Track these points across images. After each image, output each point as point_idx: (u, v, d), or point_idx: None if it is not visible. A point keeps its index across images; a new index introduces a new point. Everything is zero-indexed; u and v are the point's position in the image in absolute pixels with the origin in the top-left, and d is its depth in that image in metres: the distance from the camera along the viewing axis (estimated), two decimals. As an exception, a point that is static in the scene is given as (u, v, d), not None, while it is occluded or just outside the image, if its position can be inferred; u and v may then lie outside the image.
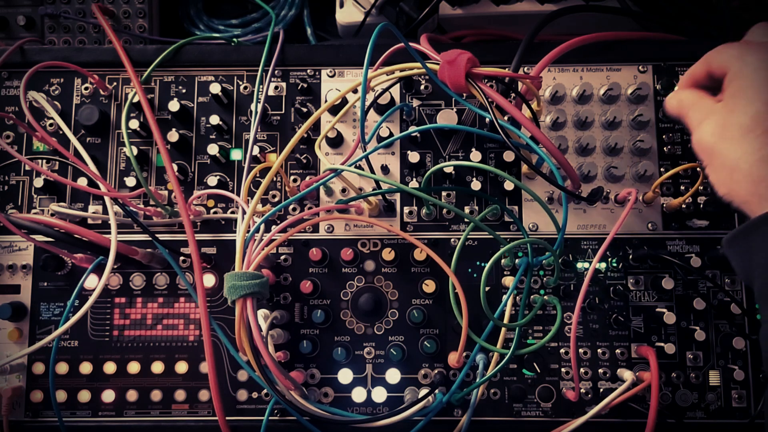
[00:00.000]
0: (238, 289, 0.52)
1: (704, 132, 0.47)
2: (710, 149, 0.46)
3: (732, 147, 0.44)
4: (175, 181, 0.59)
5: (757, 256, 0.42)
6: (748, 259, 0.43)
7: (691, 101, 0.50)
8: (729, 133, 0.45)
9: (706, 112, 0.48)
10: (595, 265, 0.58)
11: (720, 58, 0.49)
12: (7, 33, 0.83)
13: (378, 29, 0.53)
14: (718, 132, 0.46)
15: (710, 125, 0.47)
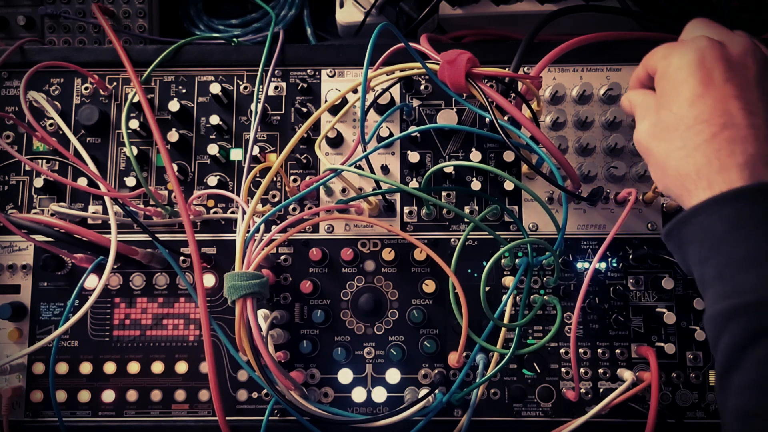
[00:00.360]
0: (238, 289, 0.52)
1: (640, 131, 0.50)
2: (645, 148, 0.49)
3: (661, 145, 0.47)
4: (175, 181, 0.59)
5: (691, 249, 0.44)
6: (685, 252, 0.45)
7: (636, 101, 0.53)
8: (658, 132, 0.47)
9: (644, 111, 0.50)
10: (595, 265, 0.58)
11: (652, 60, 0.51)
12: (7, 33, 0.83)
13: (378, 29, 0.53)
14: (650, 131, 0.48)
15: (644, 124, 0.49)
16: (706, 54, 0.45)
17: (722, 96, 0.44)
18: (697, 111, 0.44)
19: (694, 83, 0.45)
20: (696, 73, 0.45)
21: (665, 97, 0.47)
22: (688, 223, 0.44)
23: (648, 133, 0.48)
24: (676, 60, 0.47)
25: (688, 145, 0.44)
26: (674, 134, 0.45)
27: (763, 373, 0.38)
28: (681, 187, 0.45)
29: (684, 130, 0.45)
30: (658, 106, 0.48)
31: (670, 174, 0.46)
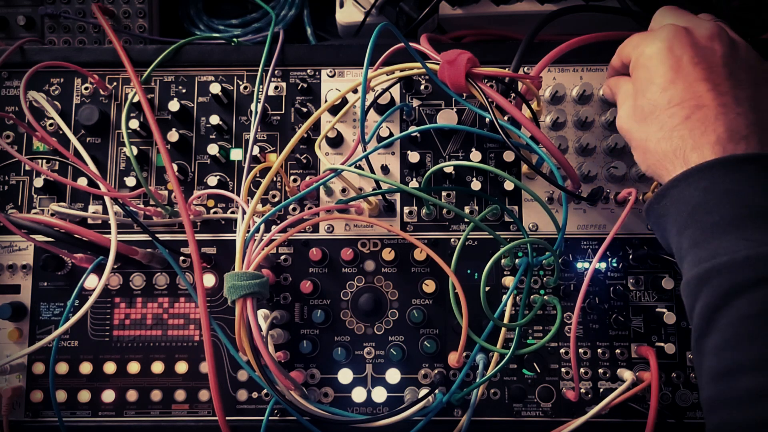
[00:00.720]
0: (238, 289, 0.52)
1: (621, 117, 0.53)
2: (627, 132, 0.52)
3: (640, 128, 0.50)
4: (175, 181, 0.59)
5: (669, 221, 0.47)
6: (663, 225, 0.48)
7: (615, 86, 0.56)
8: (637, 116, 0.50)
9: (623, 97, 0.53)
10: (594, 265, 0.58)
11: (625, 50, 0.54)
12: (7, 33, 0.83)
13: (378, 29, 0.53)
14: (630, 115, 0.51)
15: (625, 109, 0.52)
16: (674, 41, 0.48)
17: (692, 79, 0.47)
18: (670, 95, 0.47)
19: (665, 70, 0.48)
20: (666, 61, 0.48)
21: (640, 84, 0.50)
22: (666, 196, 0.47)
23: (628, 118, 0.51)
24: (647, 49, 0.50)
25: (665, 127, 0.47)
26: (651, 118, 0.48)
27: (735, 332, 0.39)
28: (661, 167, 0.48)
29: (659, 114, 0.48)
30: (635, 92, 0.51)
31: (650, 155, 0.49)
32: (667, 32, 0.49)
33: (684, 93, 0.47)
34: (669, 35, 0.49)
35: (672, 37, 0.48)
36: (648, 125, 0.49)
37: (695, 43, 0.48)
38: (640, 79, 0.50)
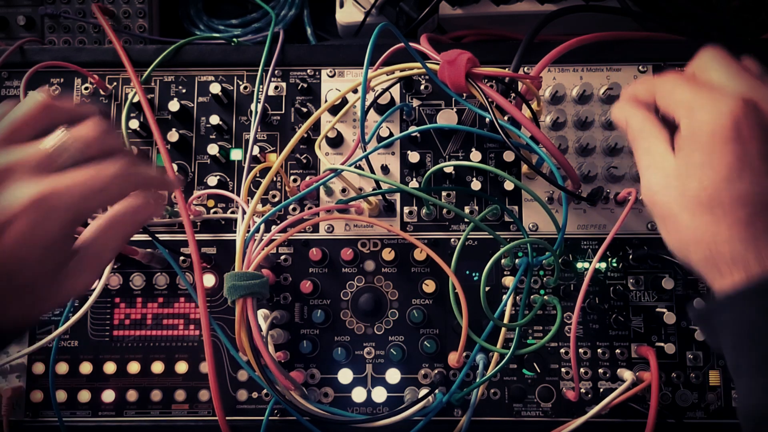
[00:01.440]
0: (238, 289, 0.52)
1: (657, 188, 0.45)
2: (664, 210, 0.44)
3: (687, 217, 0.42)
4: (175, 181, 0.59)
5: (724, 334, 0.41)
6: (717, 334, 0.42)
7: (640, 132, 0.46)
8: (685, 200, 0.42)
9: (658, 160, 0.44)
10: (594, 265, 0.58)
11: (669, 99, 0.45)
12: (7, 33, 0.83)
13: (378, 29, 0.53)
14: (673, 196, 0.43)
15: (663, 184, 0.44)
16: (742, 121, 0.40)
17: (761, 172, 0.40)
18: (734, 190, 0.40)
19: (732, 159, 0.40)
20: (731, 145, 0.40)
21: (693, 164, 0.42)
22: (724, 311, 0.41)
23: (669, 196, 0.44)
24: (705, 124, 0.41)
25: (722, 224, 0.40)
26: (704, 208, 0.41)
27: None
28: (708, 262, 0.42)
29: (715, 208, 0.41)
30: (683, 170, 0.43)
31: (697, 247, 0.42)
32: (732, 107, 0.40)
33: (751, 188, 0.40)
34: (734, 111, 0.40)
35: (739, 114, 0.40)
36: (699, 215, 0.41)
37: (764, 125, 0.40)
38: (695, 160, 0.42)
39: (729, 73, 0.44)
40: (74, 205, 0.37)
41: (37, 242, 0.36)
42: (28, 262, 0.36)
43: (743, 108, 0.40)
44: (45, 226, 0.36)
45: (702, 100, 0.42)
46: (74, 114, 0.40)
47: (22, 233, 0.35)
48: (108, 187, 0.39)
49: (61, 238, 0.38)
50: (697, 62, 0.46)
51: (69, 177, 0.37)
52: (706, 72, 0.45)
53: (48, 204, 0.36)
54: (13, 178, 0.36)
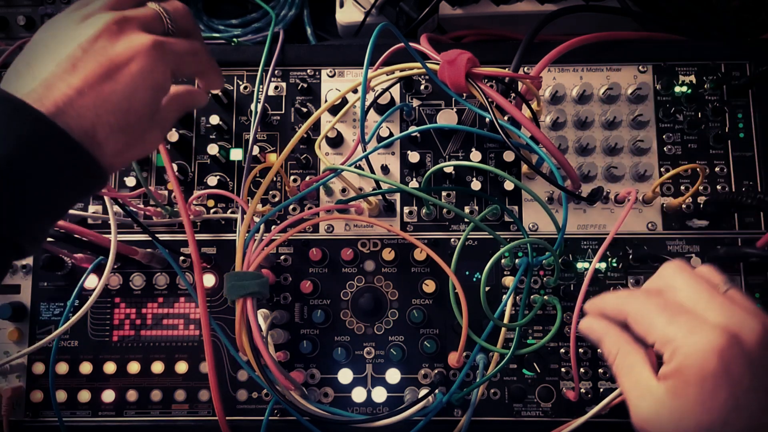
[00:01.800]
0: (239, 289, 0.52)
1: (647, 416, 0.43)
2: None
3: None
4: (175, 181, 0.59)
5: None
6: None
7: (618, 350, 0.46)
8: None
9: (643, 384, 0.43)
10: (594, 265, 0.58)
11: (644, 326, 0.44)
12: (7, 33, 0.83)
13: (378, 29, 0.53)
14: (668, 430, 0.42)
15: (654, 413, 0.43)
16: (729, 359, 0.39)
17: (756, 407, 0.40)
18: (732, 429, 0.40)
19: (724, 397, 0.40)
20: (722, 384, 0.40)
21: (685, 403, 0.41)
22: None
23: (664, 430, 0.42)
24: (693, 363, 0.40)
25: None
26: None
27: None
28: None
29: None
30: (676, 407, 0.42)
31: None
32: (715, 344, 0.40)
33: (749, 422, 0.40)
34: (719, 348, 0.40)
35: (725, 351, 0.40)
36: None
37: (751, 361, 0.40)
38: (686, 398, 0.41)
39: (700, 296, 0.44)
40: (178, 60, 0.45)
41: (148, 84, 0.42)
42: (138, 102, 0.42)
43: (728, 343, 0.40)
44: (155, 72, 0.42)
45: (682, 332, 0.41)
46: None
47: (138, 73, 0.41)
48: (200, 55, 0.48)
49: (163, 86, 0.44)
50: (662, 279, 0.47)
51: (173, 38, 0.46)
52: (675, 291, 0.45)
53: (160, 52, 0.43)
54: (130, 29, 0.42)
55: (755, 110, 0.66)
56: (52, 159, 0.38)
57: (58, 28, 0.43)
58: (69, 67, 0.40)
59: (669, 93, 0.67)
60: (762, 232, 0.64)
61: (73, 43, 0.41)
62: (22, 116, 0.37)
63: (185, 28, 0.48)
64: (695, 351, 0.40)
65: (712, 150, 0.66)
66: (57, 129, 0.38)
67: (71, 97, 0.39)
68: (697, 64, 0.67)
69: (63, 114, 0.39)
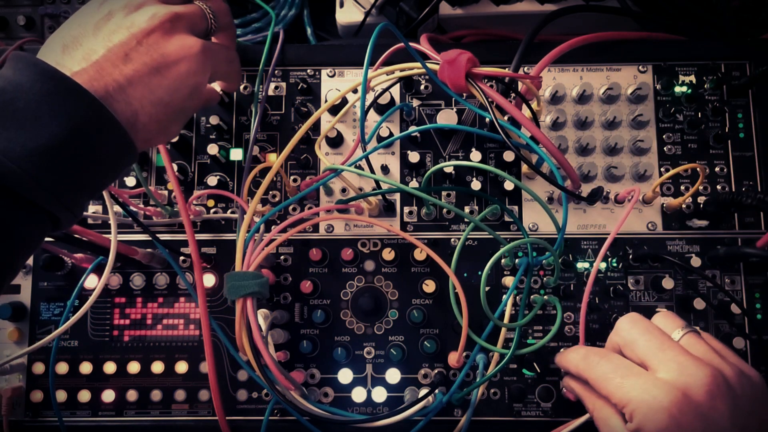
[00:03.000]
0: (239, 289, 0.52)
1: None
2: None
3: None
4: (175, 181, 0.59)
5: None
6: None
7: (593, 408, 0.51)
8: None
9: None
10: (597, 266, 0.58)
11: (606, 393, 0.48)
12: (7, 33, 0.83)
13: (378, 29, 0.53)
14: None
15: None
16: (680, 416, 0.44)
17: None
18: None
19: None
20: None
21: None
22: None
23: None
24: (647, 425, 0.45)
25: None
26: None
27: None
28: None
29: None
30: None
31: None
32: (667, 402, 0.44)
33: None
34: (671, 407, 0.44)
35: (675, 410, 0.44)
36: None
37: (701, 413, 0.44)
38: None
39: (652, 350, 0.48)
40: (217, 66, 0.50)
41: (191, 83, 0.46)
42: (178, 98, 0.46)
43: (676, 400, 0.44)
44: (198, 74, 0.47)
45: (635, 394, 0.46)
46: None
47: (185, 73, 0.45)
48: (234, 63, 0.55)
49: (201, 87, 0.48)
50: (619, 334, 0.52)
51: (217, 44, 0.51)
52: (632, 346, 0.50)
53: (206, 57, 0.47)
54: (182, 29, 0.46)
55: (755, 110, 0.66)
56: (99, 141, 0.40)
57: (109, 10, 0.45)
58: (122, 56, 0.42)
59: (669, 93, 0.67)
60: (762, 232, 0.64)
61: (125, 31, 0.43)
62: (76, 99, 0.39)
63: (226, 24, 0.54)
64: (647, 411, 0.44)
65: (712, 150, 0.66)
66: (107, 114, 0.40)
67: (122, 85, 0.42)
68: (697, 64, 0.67)
69: (112, 99, 0.41)
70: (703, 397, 0.44)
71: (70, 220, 0.42)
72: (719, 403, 0.44)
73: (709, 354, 0.48)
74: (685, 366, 0.46)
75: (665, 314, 0.53)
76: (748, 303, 0.63)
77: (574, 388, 0.56)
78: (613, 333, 0.53)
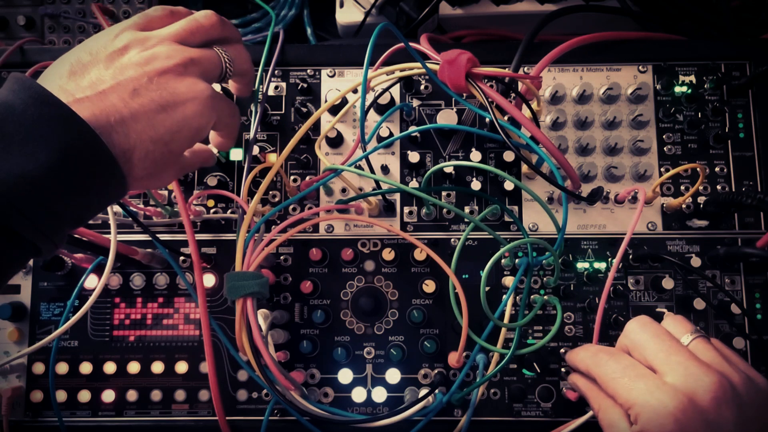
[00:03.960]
0: (239, 289, 0.52)
1: None
2: None
3: None
4: (175, 181, 0.59)
5: None
6: None
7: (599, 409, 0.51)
8: None
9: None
10: (614, 272, 0.58)
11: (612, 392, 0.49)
12: (7, 33, 0.83)
13: (378, 29, 0.53)
14: None
15: None
16: (683, 420, 0.44)
17: None
18: None
19: None
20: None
21: None
22: None
23: None
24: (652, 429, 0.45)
25: None
26: None
27: None
28: None
29: None
30: None
31: None
32: (673, 407, 0.44)
33: None
34: (676, 412, 0.44)
35: (681, 415, 0.44)
36: None
37: (706, 419, 0.44)
38: None
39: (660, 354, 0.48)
40: (221, 116, 0.49)
41: (194, 126, 0.46)
42: (179, 139, 0.45)
43: (682, 406, 0.44)
44: (203, 118, 0.46)
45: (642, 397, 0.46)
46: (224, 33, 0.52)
47: (191, 114, 0.45)
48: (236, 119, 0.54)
49: (202, 133, 0.48)
50: (628, 337, 0.52)
51: (226, 100, 0.51)
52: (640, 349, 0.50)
53: (213, 103, 0.47)
54: (194, 73, 0.46)
55: (755, 110, 0.66)
56: (89, 173, 0.39)
57: (125, 44, 0.44)
58: (131, 90, 0.42)
59: (669, 93, 0.67)
60: (762, 232, 0.64)
61: (138, 69, 0.43)
62: (69, 126, 0.38)
63: (243, 71, 0.54)
64: (652, 415, 0.45)
65: (712, 150, 0.66)
66: (101, 145, 0.39)
67: (125, 118, 0.41)
68: (697, 64, 0.67)
69: (111, 130, 0.40)
70: (708, 403, 0.44)
71: (50, 249, 0.40)
72: (725, 410, 0.44)
73: (717, 360, 0.48)
74: (692, 371, 0.46)
75: (675, 318, 0.53)
76: (748, 303, 0.63)
77: (580, 387, 0.56)
78: (622, 335, 0.53)
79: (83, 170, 0.38)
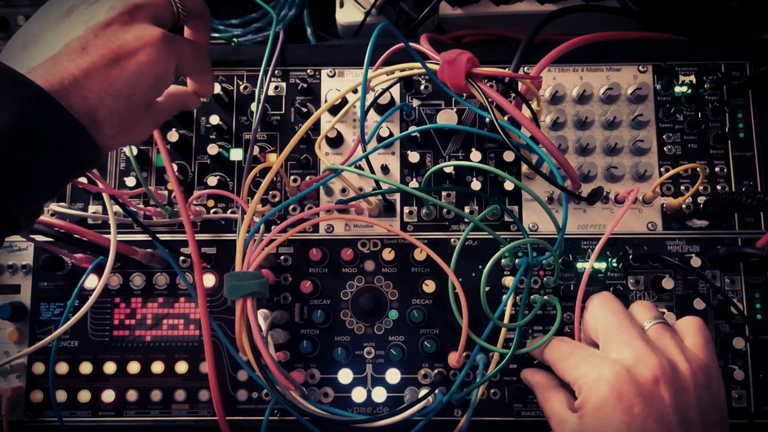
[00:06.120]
0: (239, 289, 0.52)
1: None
2: None
3: None
4: (175, 181, 0.59)
5: None
6: None
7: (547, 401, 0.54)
8: None
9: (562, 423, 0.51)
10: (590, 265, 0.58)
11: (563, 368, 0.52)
12: (7, 33, 0.83)
13: (378, 29, 0.53)
14: None
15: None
16: (621, 390, 0.46)
17: None
18: None
19: (618, 424, 0.45)
20: (617, 414, 0.46)
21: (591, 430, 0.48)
22: None
23: None
24: (592, 394, 0.47)
25: None
26: None
27: None
28: None
29: None
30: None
31: None
32: (610, 376, 0.47)
33: None
34: (613, 380, 0.46)
35: (616, 383, 0.46)
36: None
37: (641, 393, 0.46)
38: (592, 424, 0.47)
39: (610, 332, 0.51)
40: (182, 58, 0.47)
41: (153, 74, 0.44)
42: (140, 90, 0.43)
43: (617, 374, 0.46)
44: (160, 64, 0.44)
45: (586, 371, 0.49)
46: None
47: (145, 63, 0.43)
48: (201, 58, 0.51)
49: (164, 79, 0.46)
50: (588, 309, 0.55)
51: (180, 37, 0.48)
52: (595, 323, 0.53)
53: (167, 47, 0.44)
54: (141, 19, 0.44)
55: (755, 110, 0.66)
56: (51, 135, 0.39)
57: (69, 6, 0.44)
58: (78, 49, 0.41)
59: (669, 93, 0.67)
60: (762, 232, 0.64)
61: (83, 25, 0.42)
62: (23, 91, 0.38)
63: (196, 11, 0.51)
64: (592, 383, 0.47)
65: (712, 150, 0.66)
66: (58, 106, 0.39)
67: (78, 78, 0.40)
68: (697, 64, 0.67)
69: (67, 92, 0.40)
70: (646, 378, 0.46)
71: (28, 221, 0.41)
72: (663, 389, 0.46)
73: (669, 346, 0.49)
74: (637, 350, 0.48)
75: (642, 303, 0.55)
76: (748, 303, 0.63)
77: (528, 380, 0.59)
78: (585, 311, 0.55)
79: (47, 135, 0.39)
